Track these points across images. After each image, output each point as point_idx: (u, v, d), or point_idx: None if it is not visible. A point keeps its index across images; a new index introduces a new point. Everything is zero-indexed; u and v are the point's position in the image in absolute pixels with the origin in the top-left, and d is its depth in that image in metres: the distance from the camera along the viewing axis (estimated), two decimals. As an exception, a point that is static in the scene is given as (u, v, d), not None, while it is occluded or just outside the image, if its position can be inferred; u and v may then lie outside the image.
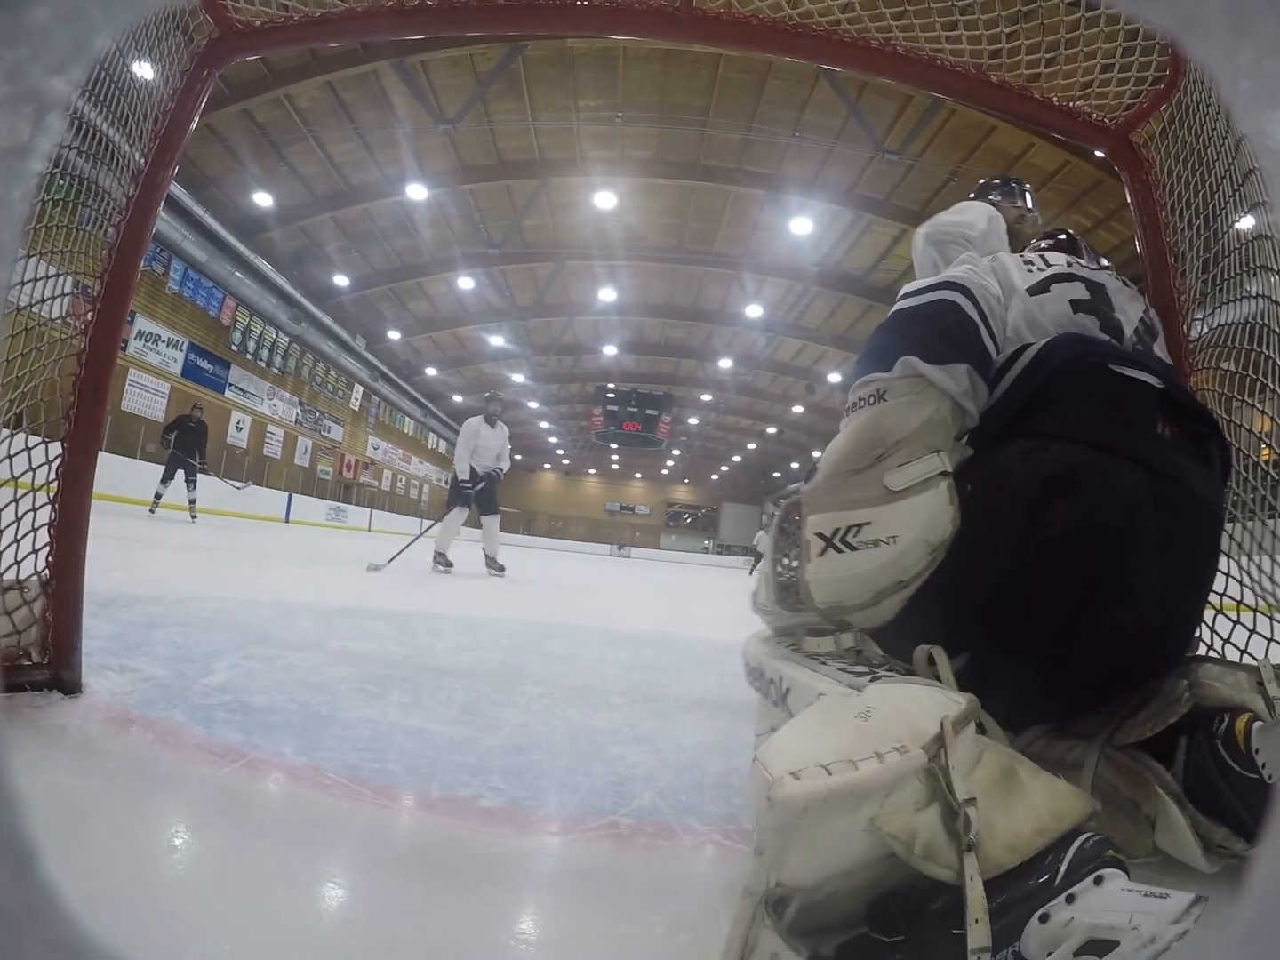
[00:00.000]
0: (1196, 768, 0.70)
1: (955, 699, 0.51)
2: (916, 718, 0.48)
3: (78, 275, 1.10)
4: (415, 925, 0.55)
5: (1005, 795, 0.47)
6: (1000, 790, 0.47)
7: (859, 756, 0.44)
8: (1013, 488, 0.79)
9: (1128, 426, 0.80)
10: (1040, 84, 1.15)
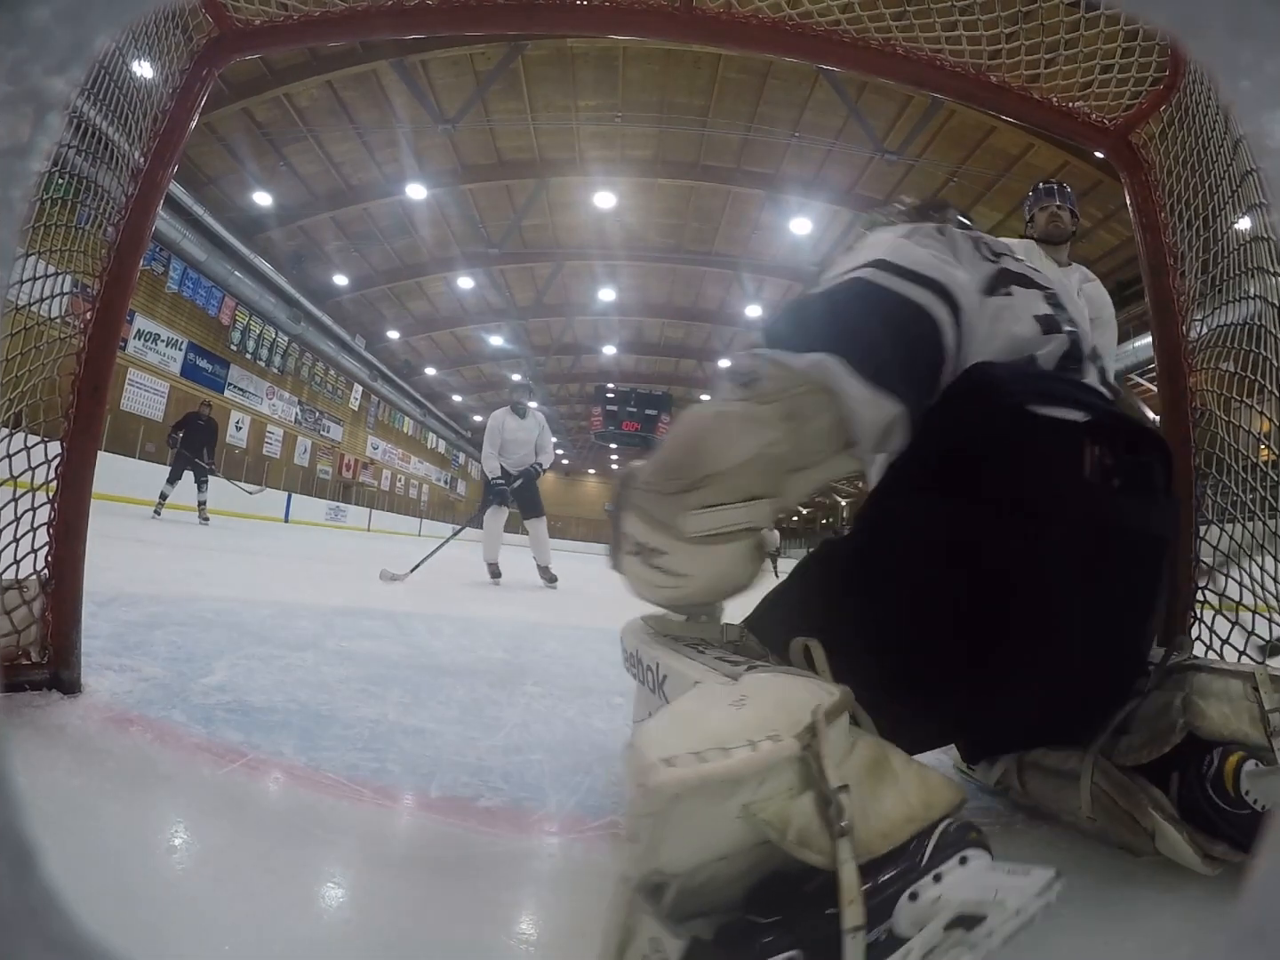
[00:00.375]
0: (1189, 801, 0.70)
1: (829, 690, 0.51)
2: (791, 707, 0.48)
3: (77, 274, 1.10)
4: (415, 925, 0.55)
5: (877, 784, 0.48)
6: (873, 779, 0.48)
7: (732, 744, 0.45)
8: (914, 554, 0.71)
9: (1049, 484, 0.69)
10: (1040, 84, 1.15)
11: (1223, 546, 0.99)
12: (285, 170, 14.81)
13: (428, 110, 13.12)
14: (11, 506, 1.01)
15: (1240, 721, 0.69)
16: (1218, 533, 1.00)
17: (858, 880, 0.42)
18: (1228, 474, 0.99)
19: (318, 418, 21.28)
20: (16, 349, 1.03)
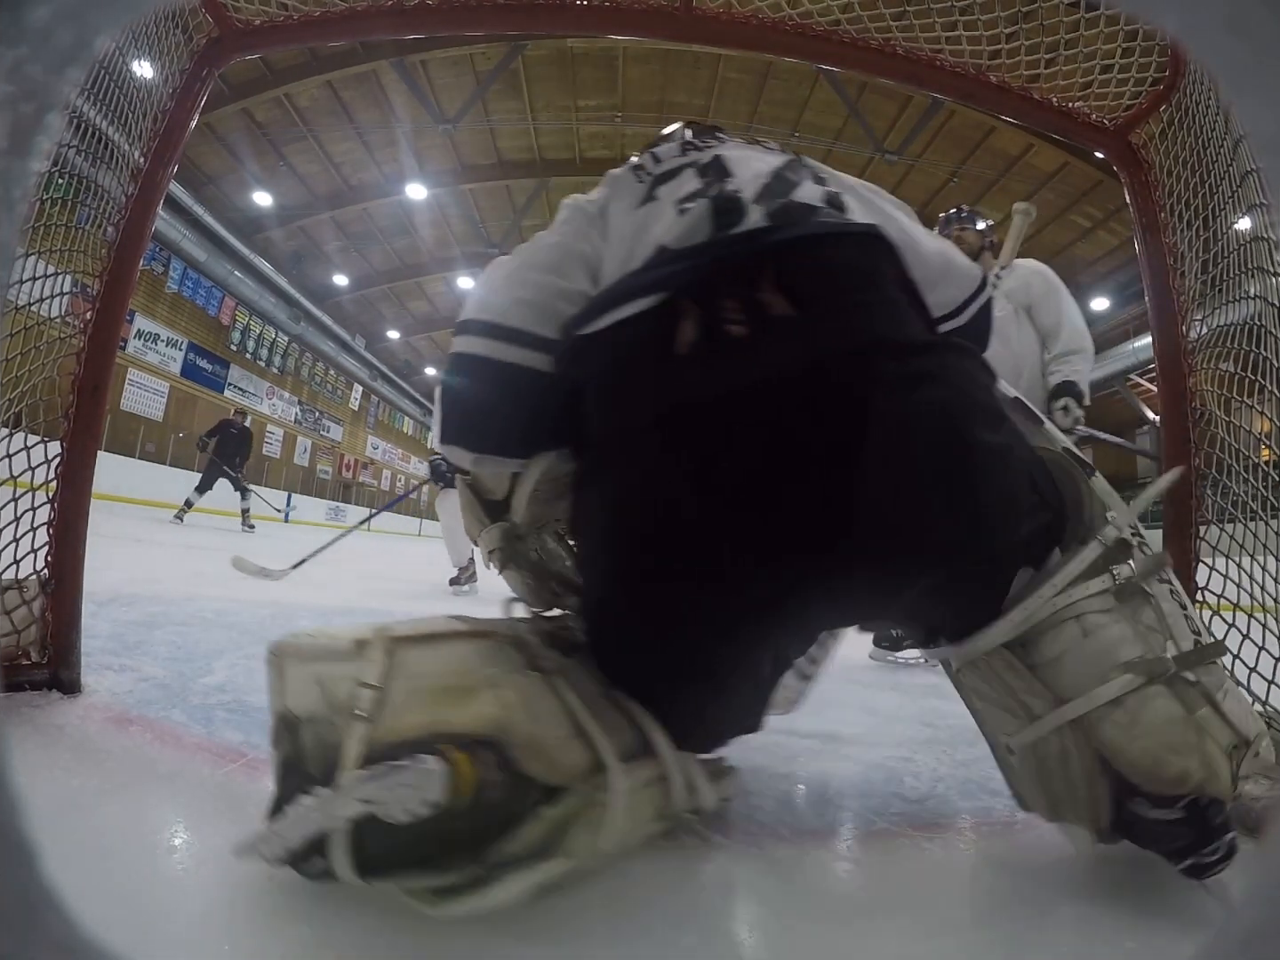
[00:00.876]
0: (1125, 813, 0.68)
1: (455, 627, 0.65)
2: (387, 627, 0.62)
3: (77, 274, 1.10)
4: (414, 925, 0.55)
5: (420, 699, 0.56)
6: (415, 695, 0.57)
7: (336, 635, 0.61)
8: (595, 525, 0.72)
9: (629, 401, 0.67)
10: (1040, 85, 1.15)
11: (1222, 546, 0.99)
12: (285, 170, 14.81)
13: (428, 110, 13.12)
14: (11, 506, 1.01)
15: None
16: (1218, 533, 1.00)
17: (359, 751, 0.52)
18: (1228, 474, 0.99)
19: (318, 418, 21.28)
20: (16, 349, 1.03)
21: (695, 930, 0.59)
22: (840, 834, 0.82)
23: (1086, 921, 0.64)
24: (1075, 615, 0.69)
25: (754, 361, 0.62)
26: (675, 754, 0.67)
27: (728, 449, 0.61)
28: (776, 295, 0.64)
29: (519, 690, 0.60)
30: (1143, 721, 0.64)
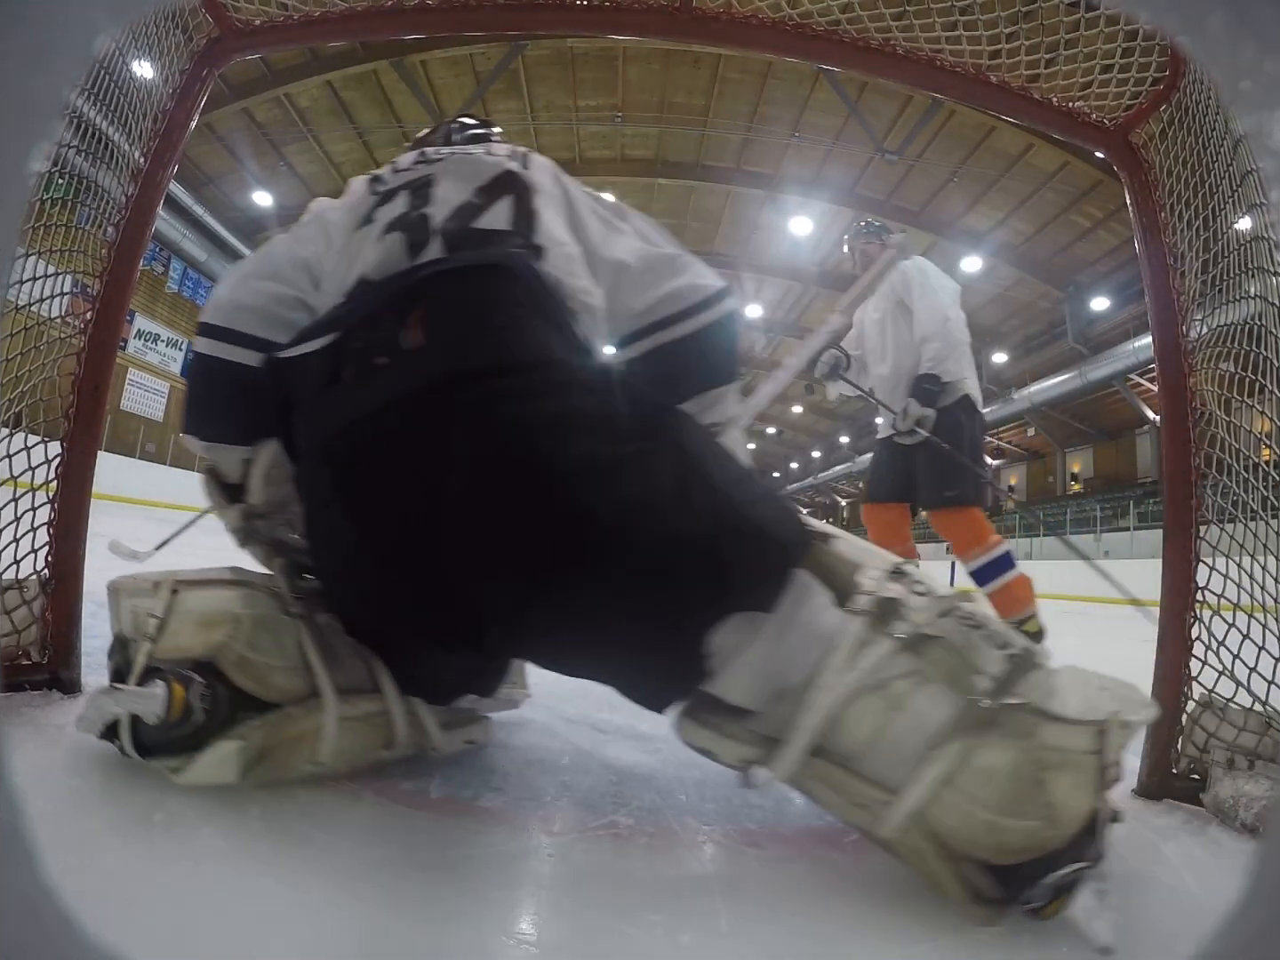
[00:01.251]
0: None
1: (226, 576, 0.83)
2: (179, 573, 0.81)
3: (77, 274, 1.10)
4: (414, 925, 0.55)
5: (188, 625, 0.75)
6: (190, 624, 0.75)
7: (145, 577, 0.81)
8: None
9: (308, 428, 0.78)
10: (1040, 84, 1.15)
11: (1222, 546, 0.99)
12: (285, 170, 14.81)
13: (428, 110, 13.11)
14: (12, 506, 1.01)
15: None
16: (1218, 533, 1.00)
17: (142, 663, 0.73)
18: (1228, 474, 0.99)
19: (318, 418, 21.23)
20: (17, 349, 1.03)
21: (694, 930, 0.59)
22: (839, 834, 0.82)
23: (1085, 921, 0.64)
24: (874, 687, 0.63)
25: (380, 389, 0.71)
26: (400, 696, 0.83)
27: (359, 471, 0.73)
28: (417, 328, 0.72)
29: (250, 624, 0.76)
30: (978, 789, 0.59)
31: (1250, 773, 0.89)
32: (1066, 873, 0.58)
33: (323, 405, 0.75)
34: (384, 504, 0.72)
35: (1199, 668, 0.98)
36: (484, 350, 0.71)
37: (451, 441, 0.67)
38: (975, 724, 0.60)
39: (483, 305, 0.74)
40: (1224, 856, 0.78)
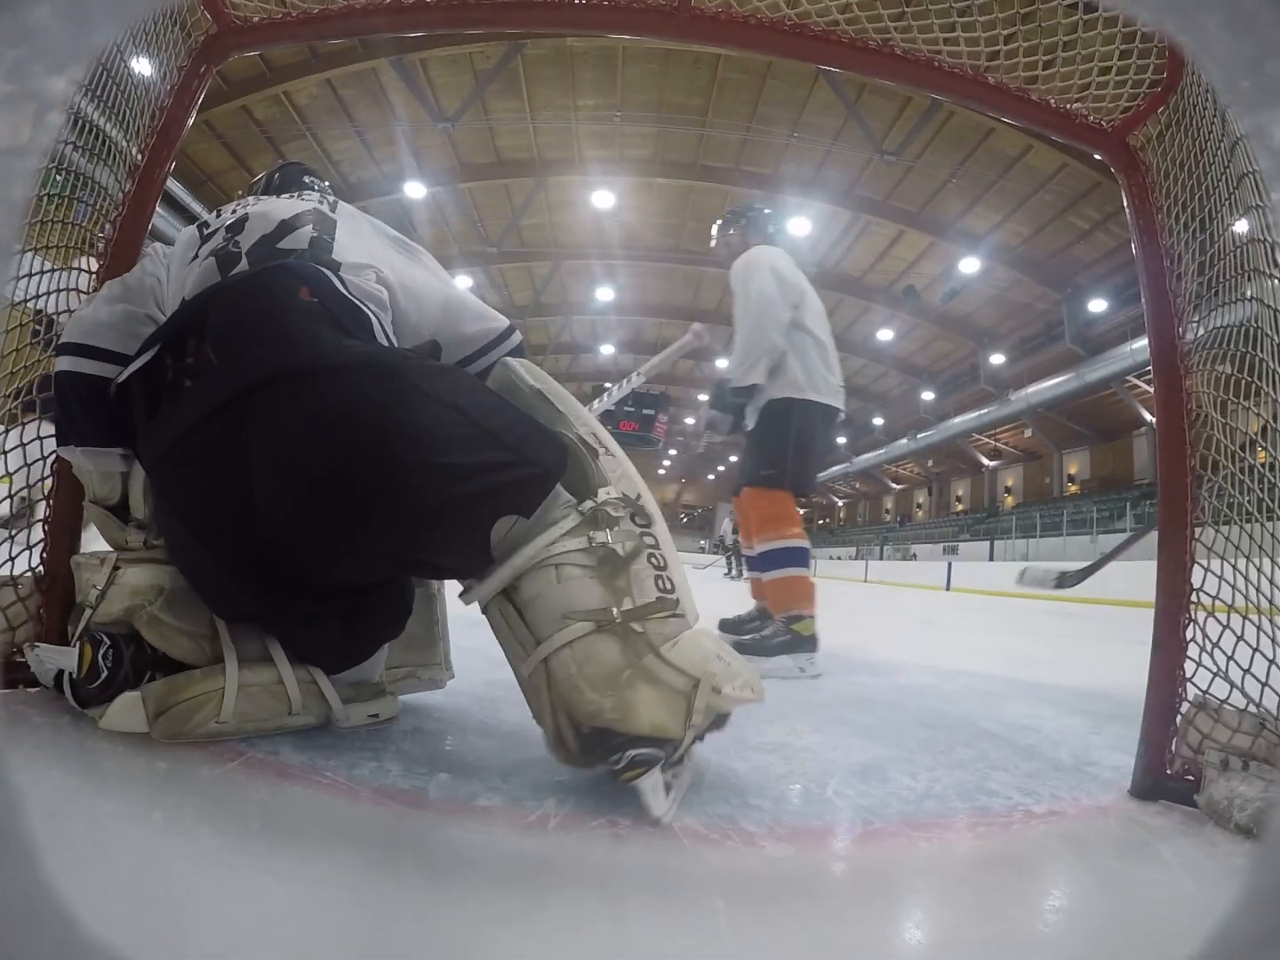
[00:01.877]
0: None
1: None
2: (123, 553, 0.98)
3: (74, 270, 1.10)
4: (413, 925, 0.55)
5: (122, 596, 0.92)
6: (124, 595, 0.92)
7: (96, 553, 0.98)
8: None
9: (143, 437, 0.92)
10: (1038, 86, 1.15)
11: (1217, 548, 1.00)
12: (283, 168, 14.72)
13: (427, 109, 13.08)
14: (7, 503, 1.01)
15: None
16: (1213, 534, 1.01)
17: (82, 626, 0.93)
18: (1224, 476, 0.99)
19: (315, 416, 21.17)
20: (13, 344, 1.03)
21: (694, 929, 0.59)
22: (838, 834, 0.82)
23: (1084, 921, 0.65)
24: (555, 564, 0.84)
25: (186, 413, 0.85)
26: (295, 666, 0.96)
27: (184, 483, 0.88)
28: (208, 348, 0.85)
29: (170, 594, 0.93)
30: (579, 660, 0.81)
31: (1244, 774, 0.89)
32: (636, 754, 0.79)
33: (148, 432, 0.90)
34: (207, 508, 0.88)
35: (1193, 669, 0.99)
36: (264, 363, 0.82)
37: (249, 444, 0.82)
38: (600, 624, 0.81)
39: (259, 318, 0.85)
40: (1220, 857, 0.78)
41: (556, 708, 0.83)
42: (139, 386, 0.90)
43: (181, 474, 0.87)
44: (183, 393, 0.86)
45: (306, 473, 0.81)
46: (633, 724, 0.80)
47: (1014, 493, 25.66)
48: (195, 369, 0.86)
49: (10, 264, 0.80)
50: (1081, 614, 7.28)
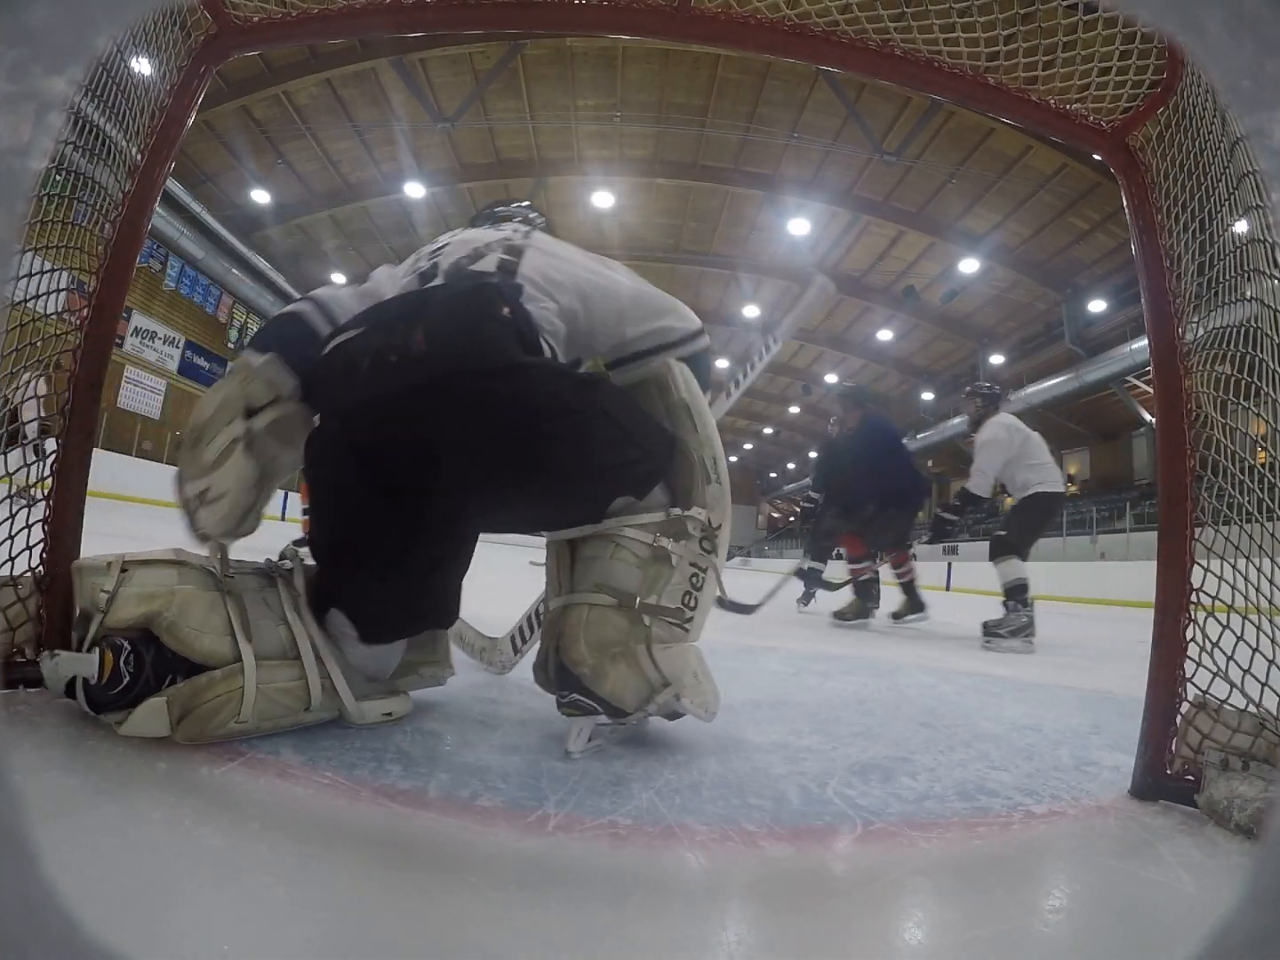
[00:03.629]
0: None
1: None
2: (129, 555, 0.97)
3: (74, 271, 1.10)
4: (413, 925, 0.55)
5: (132, 599, 0.91)
6: (133, 599, 0.91)
7: (101, 558, 0.96)
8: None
9: (337, 389, 1.02)
10: (1038, 87, 1.15)
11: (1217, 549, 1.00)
12: (283, 168, 14.77)
13: (426, 109, 13.09)
14: (7, 503, 1.01)
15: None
16: (1213, 534, 1.01)
17: (94, 632, 0.89)
18: (1224, 476, 0.99)
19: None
20: (12, 345, 1.03)
21: (694, 929, 0.59)
22: (838, 834, 0.82)
23: (1084, 921, 0.65)
24: (617, 541, 1.05)
25: (392, 380, 0.96)
26: (316, 663, 1.00)
27: (374, 432, 0.99)
28: (421, 338, 0.97)
29: (183, 597, 0.93)
30: (586, 622, 1.02)
31: (1244, 774, 0.89)
32: (579, 699, 1.01)
33: (348, 385, 0.99)
34: (385, 454, 1.01)
35: (1193, 669, 0.99)
36: (468, 359, 0.96)
37: (444, 413, 0.96)
38: (620, 603, 1.02)
39: (469, 320, 1.00)
40: (1220, 857, 0.78)
41: (554, 642, 1.06)
42: (342, 350, 1.02)
43: (372, 425, 0.99)
44: (386, 365, 0.97)
45: (488, 449, 0.97)
46: (596, 686, 1.01)
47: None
48: (403, 349, 0.96)
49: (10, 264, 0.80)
50: (1081, 614, 7.28)
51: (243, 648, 0.94)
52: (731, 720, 1.32)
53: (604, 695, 1.00)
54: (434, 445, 0.98)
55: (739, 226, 17.21)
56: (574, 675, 1.01)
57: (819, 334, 22.37)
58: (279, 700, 0.96)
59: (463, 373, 0.96)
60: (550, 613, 1.09)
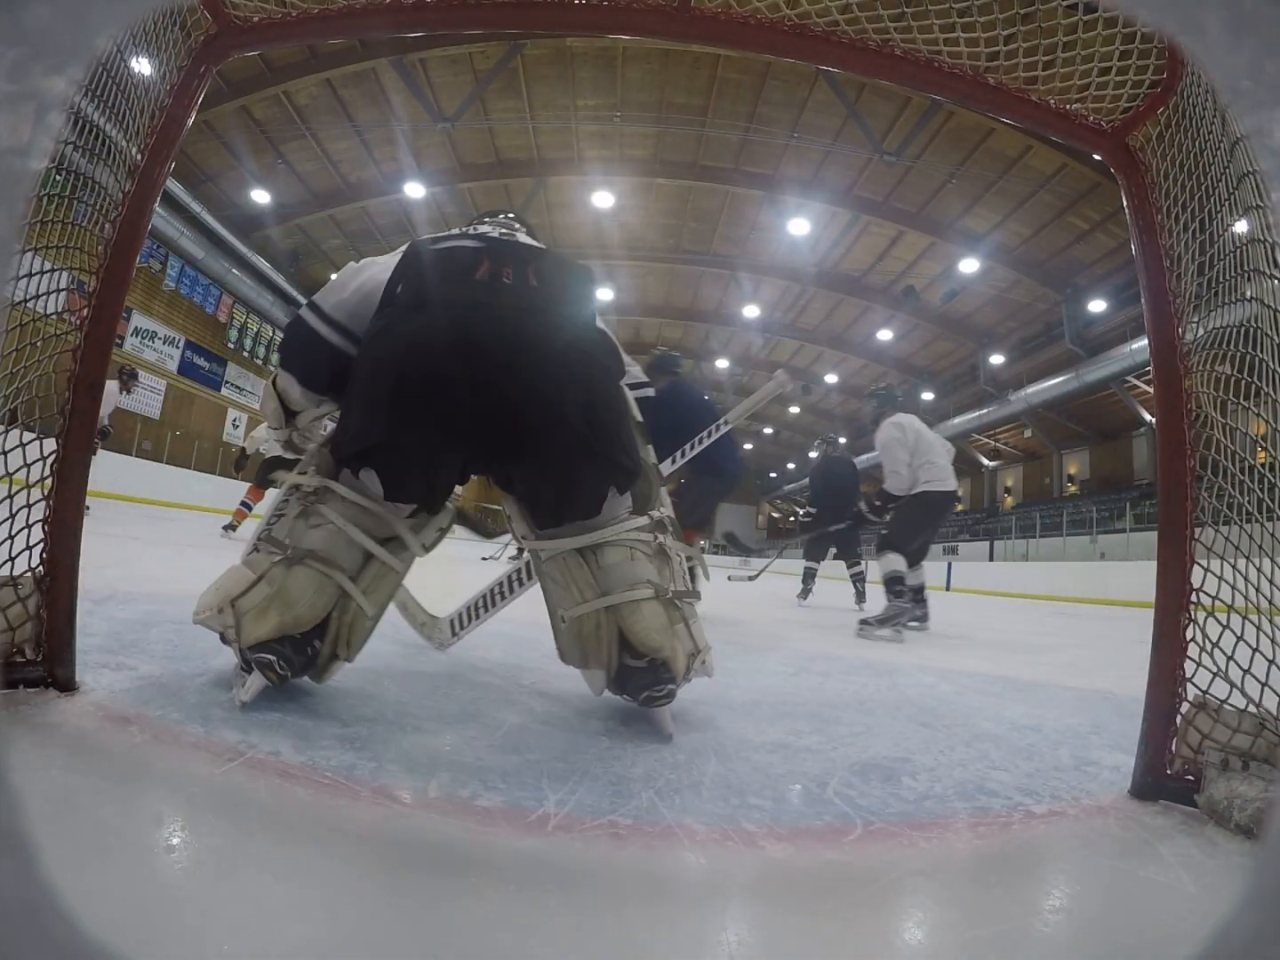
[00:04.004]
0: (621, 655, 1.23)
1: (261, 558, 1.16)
2: (231, 591, 1.13)
3: (73, 271, 1.10)
4: (413, 925, 0.55)
5: (254, 619, 1.08)
6: (257, 615, 1.09)
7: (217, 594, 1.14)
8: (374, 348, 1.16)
9: (438, 284, 1.14)
10: (1038, 87, 1.15)
11: (1217, 549, 1.00)
12: (283, 168, 14.77)
13: (426, 109, 13.08)
14: (7, 503, 1.01)
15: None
16: (1213, 534, 1.01)
17: (238, 655, 1.11)
18: (1224, 476, 0.99)
19: (315, 416, 21.15)
20: (12, 345, 1.03)
21: (694, 929, 0.59)
22: (838, 834, 0.82)
23: (1084, 921, 0.65)
24: (629, 546, 1.23)
25: (506, 296, 1.14)
26: (382, 547, 1.19)
27: (470, 330, 1.09)
28: (534, 274, 1.17)
29: (283, 598, 1.09)
30: (646, 614, 1.17)
31: (1244, 774, 0.89)
32: (670, 688, 1.17)
33: (460, 284, 1.13)
34: (472, 351, 1.08)
35: (1193, 669, 0.99)
36: (566, 308, 1.19)
37: (537, 338, 1.12)
38: (658, 593, 1.20)
39: (569, 277, 1.24)
40: (1220, 857, 0.78)
41: (613, 641, 1.19)
42: (459, 252, 1.20)
43: (470, 325, 1.09)
44: (500, 284, 1.14)
45: (565, 387, 1.11)
46: (675, 666, 1.18)
47: (1014, 493, 25.66)
48: (515, 277, 1.15)
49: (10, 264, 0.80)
50: (1082, 614, 7.28)
51: (338, 578, 1.12)
52: (731, 720, 1.32)
53: (676, 671, 1.17)
54: (516, 367, 1.09)
55: (739, 226, 17.21)
56: (654, 664, 1.17)
57: (819, 334, 22.37)
58: (384, 587, 1.18)
59: (565, 316, 1.17)
60: (574, 621, 1.20)
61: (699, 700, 1.46)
